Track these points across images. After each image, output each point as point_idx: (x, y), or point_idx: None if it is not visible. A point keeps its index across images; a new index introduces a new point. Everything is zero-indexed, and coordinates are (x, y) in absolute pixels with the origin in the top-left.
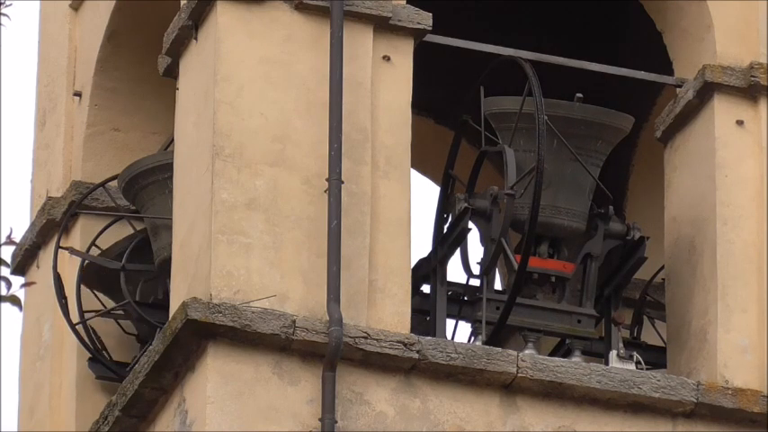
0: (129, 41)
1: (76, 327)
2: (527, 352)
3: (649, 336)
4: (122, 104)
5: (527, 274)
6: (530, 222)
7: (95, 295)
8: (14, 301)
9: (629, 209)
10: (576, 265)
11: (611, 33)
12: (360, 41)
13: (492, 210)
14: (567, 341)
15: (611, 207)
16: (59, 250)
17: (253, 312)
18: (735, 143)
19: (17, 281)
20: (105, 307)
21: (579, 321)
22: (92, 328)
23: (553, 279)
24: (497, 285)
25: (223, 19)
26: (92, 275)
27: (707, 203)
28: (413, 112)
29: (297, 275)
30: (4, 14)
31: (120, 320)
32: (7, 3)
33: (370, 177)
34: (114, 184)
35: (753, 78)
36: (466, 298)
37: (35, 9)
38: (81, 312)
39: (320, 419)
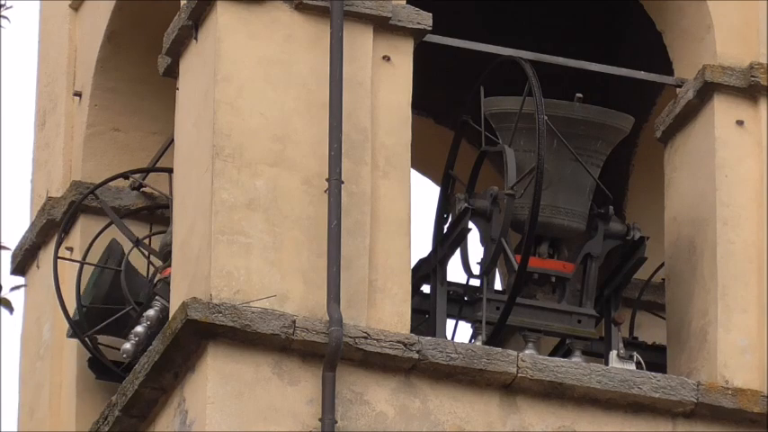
0: (129, 41)
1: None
2: (527, 352)
3: (645, 334)
4: (122, 104)
5: (527, 274)
6: (530, 222)
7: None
8: (6, 303)
9: (629, 209)
10: (576, 265)
11: (611, 33)
12: (360, 41)
13: (492, 210)
14: (568, 341)
15: (611, 207)
16: (59, 252)
17: (253, 312)
18: (735, 143)
19: (15, 282)
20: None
21: (579, 321)
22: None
23: (553, 279)
24: (497, 285)
25: (223, 19)
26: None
27: (707, 203)
28: (413, 112)
29: (297, 275)
30: (5, 17)
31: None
32: (7, 5)
33: (370, 177)
34: (116, 184)
35: (753, 78)
36: (466, 298)
37: (35, 9)
38: (81, 312)
39: (320, 419)
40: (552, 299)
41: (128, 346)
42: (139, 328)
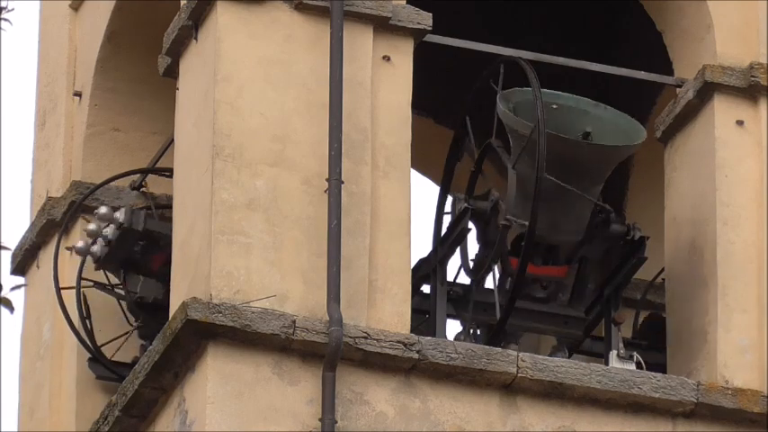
0: (129, 41)
1: (80, 323)
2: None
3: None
4: (122, 104)
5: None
6: (524, 251)
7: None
8: (6, 303)
9: (629, 209)
10: (572, 266)
11: (611, 33)
12: (360, 41)
13: (492, 214)
14: (556, 340)
15: (611, 215)
16: (59, 249)
17: (253, 312)
18: (735, 143)
19: (15, 282)
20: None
21: (566, 323)
22: (91, 327)
23: (545, 284)
24: (490, 284)
25: (223, 19)
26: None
27: (707, 203)
28: (413, 112)
29: (297, 275)
30: (5, 19)
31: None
32: (9, 8)
33: (370, 177)
34: (116, 184)
35: (753, 78)
36: (467, 293)
37: (35, 9)
38: (81, 312)
39: (320, 419)
40: (545, 299)
41: (80, 244)
42: (92, 226)
